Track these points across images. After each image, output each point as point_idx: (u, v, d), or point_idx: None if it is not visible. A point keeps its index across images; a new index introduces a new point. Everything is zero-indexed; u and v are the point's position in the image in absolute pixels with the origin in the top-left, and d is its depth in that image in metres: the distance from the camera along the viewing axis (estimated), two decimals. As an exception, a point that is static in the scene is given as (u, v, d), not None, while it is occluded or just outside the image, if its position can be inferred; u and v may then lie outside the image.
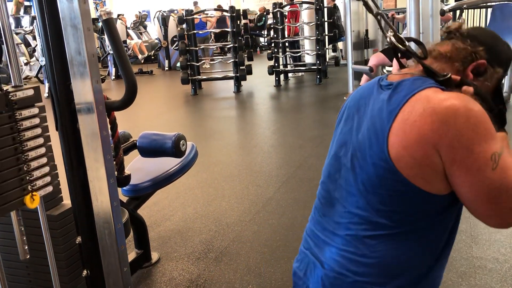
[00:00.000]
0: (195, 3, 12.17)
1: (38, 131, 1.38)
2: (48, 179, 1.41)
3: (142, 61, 11.30)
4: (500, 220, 0.84)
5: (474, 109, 0.82)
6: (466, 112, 0.81)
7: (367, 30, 6.69)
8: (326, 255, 0.96)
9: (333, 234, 0.96)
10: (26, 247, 1.40)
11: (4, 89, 1.31)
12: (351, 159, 0.94)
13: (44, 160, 1.40)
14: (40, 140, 1.39)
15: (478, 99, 0.86)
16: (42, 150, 1.40)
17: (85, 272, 1.61)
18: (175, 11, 12.10)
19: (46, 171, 1.41)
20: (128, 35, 11.68)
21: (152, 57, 11.85)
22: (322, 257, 0.97)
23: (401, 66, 1.02)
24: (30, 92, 1.37)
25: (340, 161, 0.99)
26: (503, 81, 5.22)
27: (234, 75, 7.61)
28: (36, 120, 1.37)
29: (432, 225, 0.90)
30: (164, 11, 12.34)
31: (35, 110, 1.37)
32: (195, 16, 8.32)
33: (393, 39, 0.96)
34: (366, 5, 1.05)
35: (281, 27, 8.15)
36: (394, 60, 2.85)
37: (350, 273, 0.91)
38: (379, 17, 1.03)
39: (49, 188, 1.42)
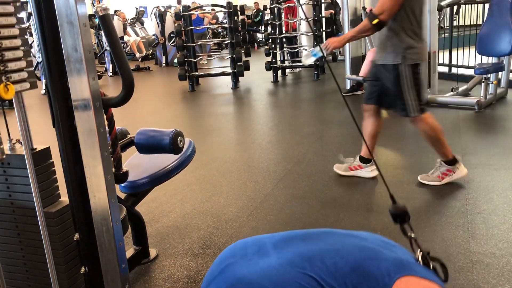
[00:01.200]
0: (179, 2, 12.14)
1: (12, 20, 1.33)
2: (24, 74, 1.36)
3: (140, 60, 11.25)
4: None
5: None
6: None
7: (364, 8, 6.65)
8: None
9: None
10: (2, 146, 1.35)
11: None
12: None
13: (19, 53, 1.35)
14: (15, 31, 1.34)
15: None
16: (18, 41, 1.35)
17: (83, 269, 1.61)
18: (174, 7, 12.07)
19: (23, 65, 1.36)
20: (125, 30, 11.63)
21: (150, 56, 11.81)
22: None
23: None
24: None
25: None
26: (500, 75, 5.23)
27: (231, 71, 7.60)
28: (10, 8, 1.32)
29: None
30: (163, 6, 12.30)
31: None
32: (192, 12, 8.29)
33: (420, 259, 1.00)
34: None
35: (278, 22, 8.14)
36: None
37: None
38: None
39: (26, 84, 1.37)
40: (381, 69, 2.89)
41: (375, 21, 2.63)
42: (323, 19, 7.96)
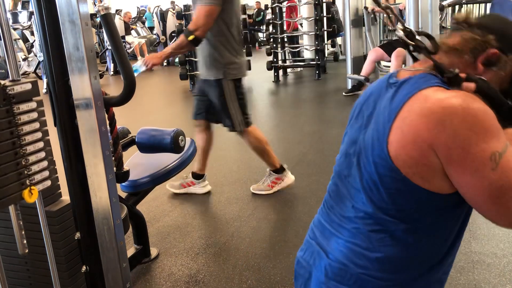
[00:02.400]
0: (173, 3, 12.11)
1: (36, 125, 1.37)
2: (46, 173, 1.41)
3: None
4: (507, 221, 0.81)
5: (472, 107, 0.79)
6: (464, 111, 0.78)
7: (365, 8, 6.65)
8: (333, 246, 0.96)
9: (340, 226, 0.96)
10: (25, 242, 1.39)
11: (2, 83, 1.30)
12: (358, 158, 0.94)
13: (42, 154, 1.39)
14: (38, 135, 1.38)
15: (482, 97, 0.83)
16: (40, 144, 1.39)
17: (84, 268, 1.61)
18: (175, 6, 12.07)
19: (45, 165, 1.41)
20: (127, 31, 11.64)
21: None
22: (328, 247, 0.97)
23: (414, 59, 1.00)
24: (28, 86, 1.36)
25: (350, 159, 0.98)
26: None
27: (232, 70, 7.59)
28: (34, 115, 1.36)
29: (437, 223, 0.89)
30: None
31: (33, 105, 1.37)
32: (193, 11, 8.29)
33: (401, 33, 0.93)
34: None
35: (279, 22, 8.13)
36: (393, 55, 2.85)
37: (353, 265, 0.91)
38: (388, 10, 1.00)
39: (48, 183, 1.42)
40: (206, 84, 2.89)
41: (191, 38, 2.61)
42: (325, 18, 7.95)
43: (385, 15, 6.68)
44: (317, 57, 7.68)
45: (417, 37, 0.93)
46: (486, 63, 0.90)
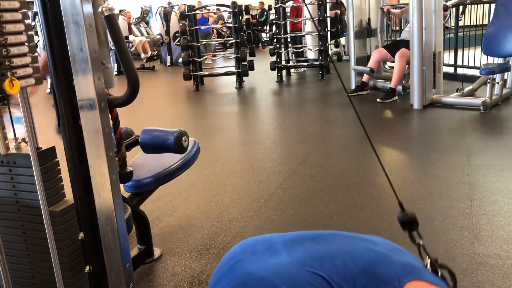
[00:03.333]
0: (169, 3, 12.11)
1: (18, 15, 1.33)
2: (30, 70, 1.36)
3: (145, 61, 11.24)
4: None
5: None
6: None
7: (369, 19, 6.65)
8: None
9: None
10: (7, 142, 1.35)
11: None
12: None
13: (25, 49, 1.35)
14: (20, 26, 1.34)
15: None
16: (23, 37, 1.34)
17: (87, 268, 1.61)
18: (177, 7, 12.08)
19: (28, 61, 1.36)
20: (130, 30, 11.66)
21: (155, 58, 11.81)
22: None
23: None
24: None
25: None
26: (506, 76, 5.21)
27: (236, 70, 7.60)
28: (16, 3, 1.32)
29: None
30: (169, 4, 12.31)
31: None
32: (197, 11, 8.30)
33: (427, 261, 0.98)
34: None
35: (283, 22, 8.13)
36: (396, 57, 2.79)
37: None
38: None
39: (31, 80, 1.37)
40: None
41: None
42: (328, 19, 7.95)
43: (390, 15, 6.66)
44: (320, 58, 7.68)
45: (439, 270, 0.97)
46: None
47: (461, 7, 6.55)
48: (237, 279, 1.00)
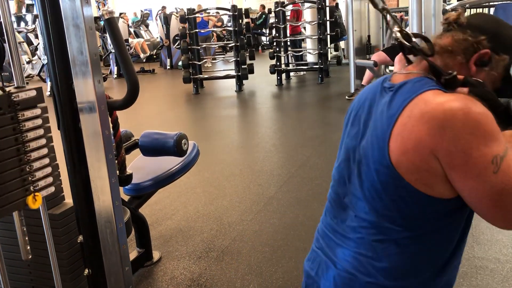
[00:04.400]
0: (163, 8, 12.11)
1: (40, 132, 1.38)
2: (50, 179, 1.41)
3: (144, 60, 11.28)
4: (507, 224, 0.81)
5: (473, 110, 0.79)
6: (464, 115, 0.78)
7: (369, 36, 6.69)
8: (339, 255, 0.96)
9: (344, 237, 0.96)
10: (28, 248, 1.40)
11: (7, 89, 1.30)
12: (358, 165, 0.93)
13: (46, 160, 1.40)
14: (42, 141, 1.39)
15: (478, 99, 0.83)
16: (44, 151, 1.39)
17: (86, 271, 1.61)
18: (177, 10, 12.10)
19: (48, 171, 1.41)
20: (130, 33, 11.68)
21: (154, 56, 11.83)
22: (335, 257, 0.97)
23: (408, 62, 1.00)
24: (33, 93, 1.37)
25: (349, 166, 0.97)
26: None
27: (236, 74, 7.61)
28: (39, 121, 1.37)
29: (440, 229, 0.88)
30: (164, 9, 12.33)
31: (37, 111, 1.37)
32: (197, 15, 8.32)
33: (398, 34, 0.93)
34: (371, 1, 1.02)
35: (283, 26, 8.15)
36: (396, 59, 2.85)
37: (361, 274, 0.91)
38: (384, 12, 1.00)
39: (51, 189, 1.42)
40: None
41: None
42: (328, 22, 7.96)
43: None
44: (320, 61, 7.69)
45: (413, 39, 0.93)
46: (478, 64, 0.90)
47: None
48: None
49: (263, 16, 13.89)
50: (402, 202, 0.85)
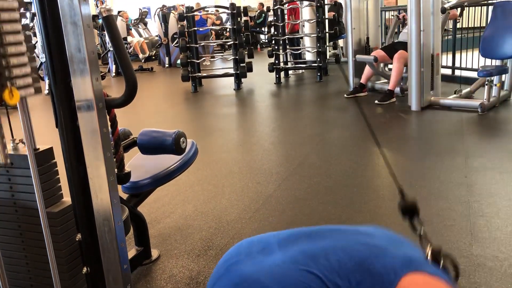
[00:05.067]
0: (163, 7, 12.08)
1: (18, 26, 1.31)
2: (29, 80, 1.35)
3: (143, 61, 11.23)
4: None
5: None
6: None
7: (368, 38, 6.69)
8: None
9: None
10: (6, 151, 1.34)
11: None
12: None
13: (25, 59, 1.34)
14: (20, 37, 1.33)
15: None
16: (23, 48, 1.33)
17: (85, 269, 1.61)
18: (174, 8, 12.08)
19: (28, 71, 1.35)
20: (128, 32, 11.66)
21: (153, 57, 11.78)
22: None
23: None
24: None
25: None
26: (503, 78, 5.22)
27: (234, 72, 7.60)
28: (16, 15, 1.31)
29: None
30: (164, 7, 12.32)
31: (14, 4, 1.29)
32: (195, 13, 8.31)
33: (428, 251, 0.97)
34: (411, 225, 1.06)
35: (281, 24, 8.14)
36: (394, 58, 2.79)
37: None
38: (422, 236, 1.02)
39: (31, 90, 1.36)
40: None
41: None
42: (326, 20, 7.95)
43: (391, 17, 6.65)
44: (318, 59, 7.69)
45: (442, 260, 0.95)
46: None
47: (459, 9, 6.55)
48: (231, 281, 1.00)
49: (263, 14, 13.87)
50: None
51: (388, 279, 0.88)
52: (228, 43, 8.02)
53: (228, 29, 10.79)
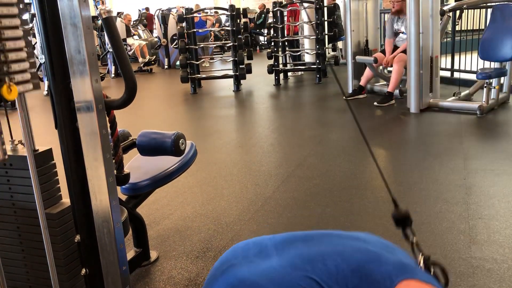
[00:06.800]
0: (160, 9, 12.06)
1: (16, 21, 1.30)
2: (28, 75, 1.35)
3: (142, 65, 11.16)
4: None
5: None
6: None
7: (367, 40, 6.70)
8: None
9: None
10: (4, 147, 1.33)
11: None
12: None
13: (23, 54, 1.33)
14: (19, 32, 1.33)
15: None
16: (21, 43, 1.31)
17: (83, 271, 1.61)
18: (174, 9, 12.09)
19: (26, 66, 1.35)
20: (129, 33, 11.65)
21: (152, 62, 11.72)
22: None
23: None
24: None
25: None
26: (502, 81, 5.23)
27: (233, 74, 7.60)
28: (14, 10, 1.30)
29: None
30: (164, 10, 12.33)
31: None
32: (195, 14, 8.31)
33: (420, 258, 0.99)
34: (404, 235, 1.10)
35: (281, 26, 8.15)
36: (394, 61, 2.79)
37: None
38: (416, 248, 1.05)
39: (29, 86, 1.36)
40: None
41: None
42: (326, 22, 7.97)
43: (388, 19, 6.67)
44: (317, 61, 7.69)
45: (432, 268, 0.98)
46: None
47: (458, 12, 6.57)
48: (228, 284, 1.00)
49: (263, 15, 13.88)
50: None
51: (384, 285, 0.89)
52: (228, 45, 8.02)
53: (225, 31, 10.79)
